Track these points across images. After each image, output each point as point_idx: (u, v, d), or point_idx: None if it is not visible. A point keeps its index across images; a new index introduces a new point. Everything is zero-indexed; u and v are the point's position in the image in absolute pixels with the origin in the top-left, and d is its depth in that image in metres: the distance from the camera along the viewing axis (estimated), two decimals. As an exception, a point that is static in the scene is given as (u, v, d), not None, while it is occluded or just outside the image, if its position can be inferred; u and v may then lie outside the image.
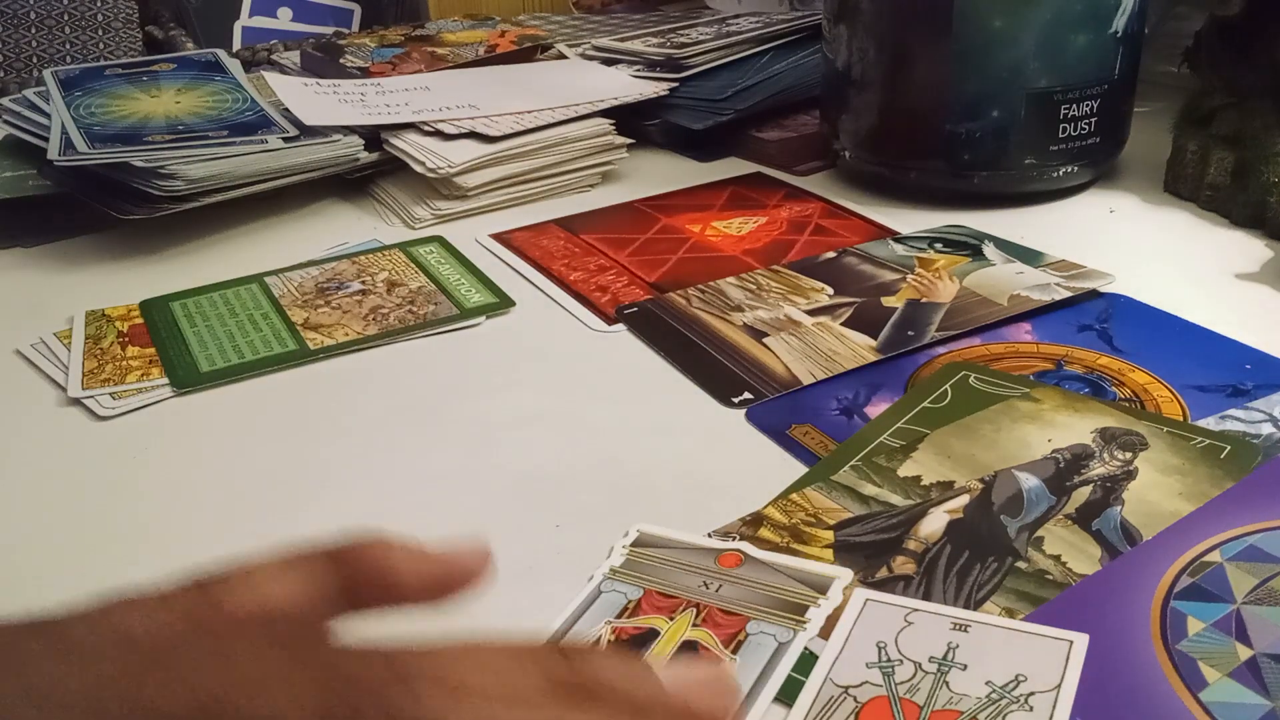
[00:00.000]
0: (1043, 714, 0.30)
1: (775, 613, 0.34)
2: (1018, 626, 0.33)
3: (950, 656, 0.32)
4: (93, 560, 0.40)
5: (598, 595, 0.35)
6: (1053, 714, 0.30)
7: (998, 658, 0.32)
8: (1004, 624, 0.33)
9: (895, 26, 0.64)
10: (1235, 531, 0.36)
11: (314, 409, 0.49)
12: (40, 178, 0.70)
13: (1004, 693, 0.30)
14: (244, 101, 0.76)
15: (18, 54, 1.12)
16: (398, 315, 0.56)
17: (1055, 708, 0.30)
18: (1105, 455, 0.41)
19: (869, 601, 0.34)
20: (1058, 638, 0.32)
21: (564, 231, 0.66)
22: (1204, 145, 0.64)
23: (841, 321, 0.53)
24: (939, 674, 0.31)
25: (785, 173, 0.74)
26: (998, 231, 0.62)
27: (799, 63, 0.81)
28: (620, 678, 0.25)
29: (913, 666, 0.32)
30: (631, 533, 0.38)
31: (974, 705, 0.30)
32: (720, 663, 0.30)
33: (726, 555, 0.37)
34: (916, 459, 0.41)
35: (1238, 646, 0.32)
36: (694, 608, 0.34)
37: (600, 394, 0.49)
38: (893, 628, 0.33)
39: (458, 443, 0.46)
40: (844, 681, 0.31)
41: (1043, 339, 0.51)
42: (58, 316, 0.57)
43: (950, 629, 0.33)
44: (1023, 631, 0.33)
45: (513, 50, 0.91)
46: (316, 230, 0.68)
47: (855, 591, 0.35)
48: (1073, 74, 0.62)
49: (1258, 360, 0.47)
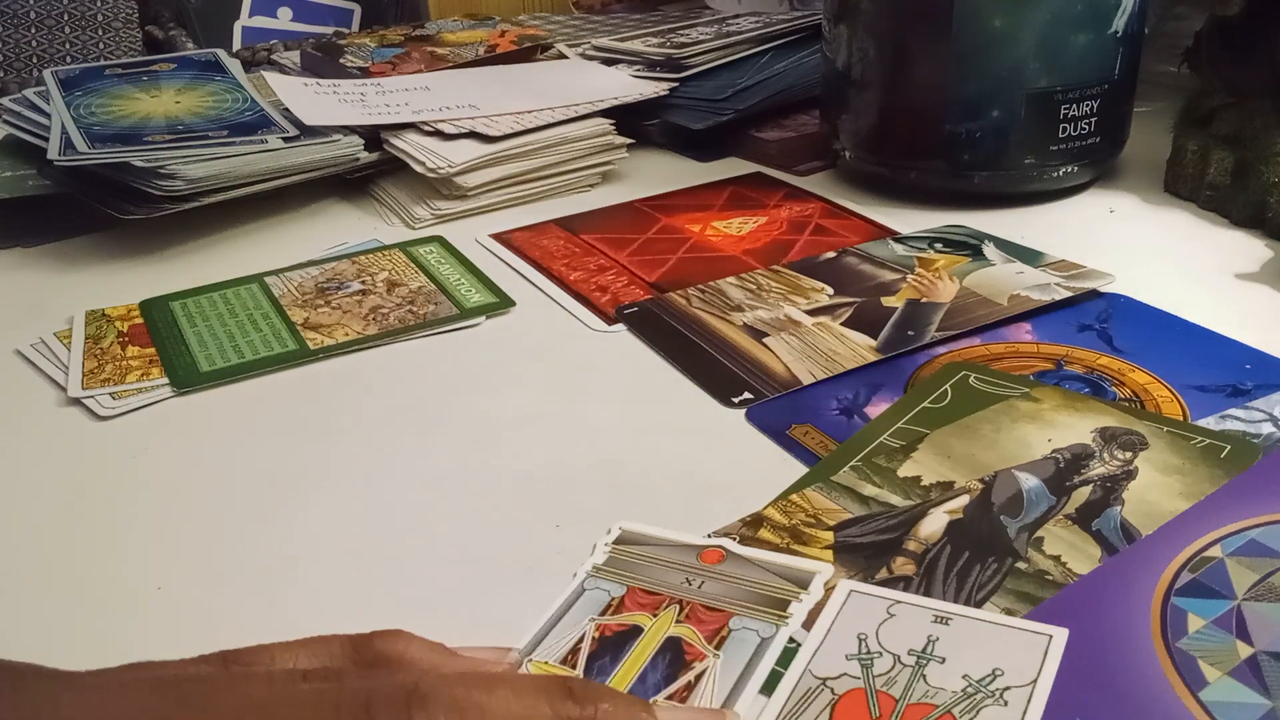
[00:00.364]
0: (1017, 709, 0.30)
1: (757, 608, 0.34)
2: (998, 620, 0.33)
3: (929, 650, 0.32)
4: (93, 560, 0.40)
5: (581, 593, 0.35)
6: (1027, 709, 0.30)
7: (976, 651, 0.32)
8: (984, 617, 0.33)
9: (895, 27, 0.64)
10: (1236, 526, 0.36)
11: (314, 409, 0.49)
12: (40, 178, 0.70)
13: (979, 686, 0.30)
14: (244, 101, 0.76)
15: (18, 54, 1.12)
16: (398, 315, 0.56)
17: (1030, 702, 0.30)
18: (1105, 455, 0.41)
19: (853, 593, 0.34)
20: (1037, 632, 0.32)
21: (564, 231, 0.66)
22: (1204, 145, 0.64)
23: (841, 321, 0.53)
24: (917, 667, 0.31)
25: (785, 173, 0.74)
26: (998, 231, 0.62)
27: (799, 63, 0.81)
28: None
29: (891, 659, 0.32)
30: (614, 530, 0.38)
31: (949, 699, 0.30)
32: (724, 715, 0.30)
33: (709, 551, 0.37)
34: (916, 459, 0.41)
35: (1238, 644, 0.32)
36: (677, 604, 0.34)
37: (600, 394, 0.49)
38: (874, 620, 0.33)
39: (458, 443, 0.46)
40: (822, 673, 0.32)
41: (1043, 339, 0.51)
42: (58, 316, 0.57)
43: (931, 622, 0.33)
44: (1002, 625, 0.33)
45: (513, 50, 0.91)
46: (316, 230, 0.68)
47: (840, 583, 0.35)
48: (1073, 74, 0.62)
49: (1258, 360, 0.47)
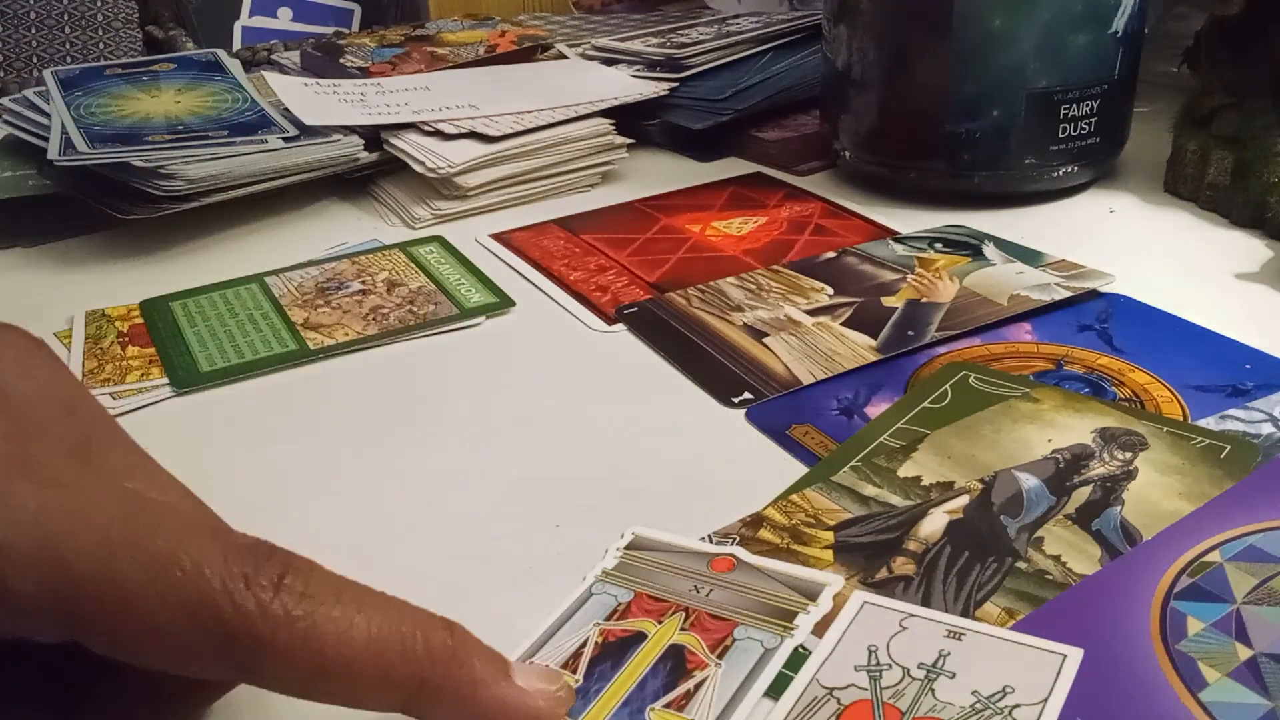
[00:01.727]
0: None
1: (764, 618, 0.34)
2: (1013, 637, 0.32)
3: (940, 664, 0.32)
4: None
5: (589, 597, 0.35)
6: None
7: (988, 667, 0.31)
8: (999, 634, 0.33)
9: (895, 27, 0.64)
10: (1235, 531, 0.36)
11: (314, 409, 0.49)
12: (40, 178, 0.70)
13: (989, 703, 0.30)
14: (244, 101, 0.76)
15: (18, 54, 1.12)
16: (398, 315, 0.56)
17: None
18: (1105, 455, 0.41)
19: (866, 604, 0.34)
20: (1051, 650, 0.32)
21: (564, 231, 0.66)
22: (1204, 145, 0.64)
23: (841, 321, 0.53)
24: (926, 681, 0.31)
25: (785, 173, 0.74)
26: (998, 231, 0.62)
27: (799, 63, 0.81)
28: None
29: (901, 672, 0.31)
30: (626, 535, 0.38)
31: (957, 714, 0.30)
32: (561, 675, 0.31)
33: (719, 560, 0.37)
34: (916, 459, 0.41)
35: (1238, 646, 0.32)
36: (683, 612, 0.34)
37: (600, 394, 0.49)
38: (886, 632, 0.33)
39: (458, 443, 0.46)
40: (830, 683, 0.31)
41: (1043, 339, 0.51)
42: (58, 316, 0.57)
43: (944, 636, 0.33)
44: (1017, 643, 0.32)
45: (513, 50, 0.91)
46: (316, 230, 0.68)
47: (854, 594, 0.35)
48: (1073, 74, 0.62)
49: (1258, 360, 0.47)
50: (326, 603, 0.26)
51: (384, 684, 0.26)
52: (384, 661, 0.26)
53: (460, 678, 0.27)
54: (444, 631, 0.28)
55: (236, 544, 0.26)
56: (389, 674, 0.26)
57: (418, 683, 0.27)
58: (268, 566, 0.26)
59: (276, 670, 0.26)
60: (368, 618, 0.26)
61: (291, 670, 0.26)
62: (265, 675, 0.26)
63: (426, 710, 0.27)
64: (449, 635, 0.28)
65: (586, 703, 0.31)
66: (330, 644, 0.26)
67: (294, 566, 0.26)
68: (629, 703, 0.31)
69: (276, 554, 0.26)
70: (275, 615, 0.25)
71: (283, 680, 0.26)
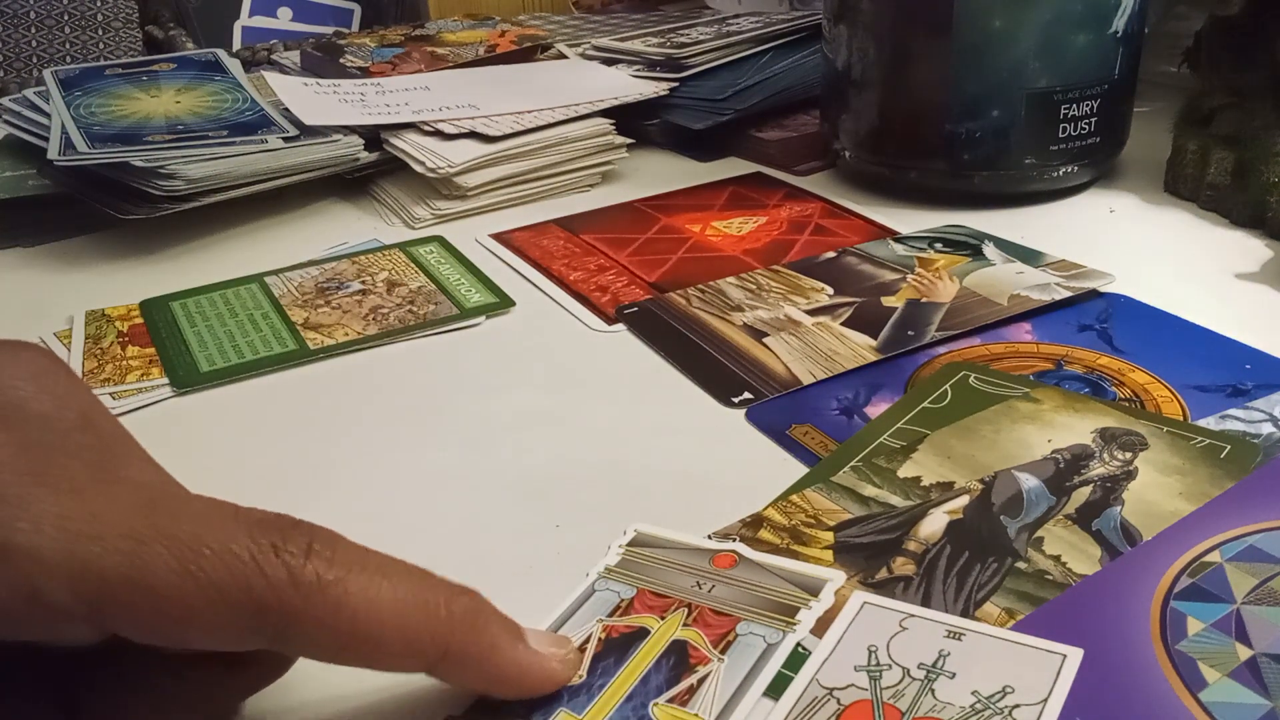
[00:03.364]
0: None
1: (766, 614, 0.34)
2: (1013, 637, 0.32)
3: (940, 664, 0.32)
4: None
5: (591, 593, 0.35)
6: None
7: (988, 667, 0.31)
8: (999, 634, 0.33)
9: (895, 26, 0.64)
10: (1235, 532, 0.36)
11: (314, 409, 0.49)
12: (40, 178, 0.70)
13: (988, 703, 0.30)
14: (244, 101, 0.76)
15: (18, 54, 1.12)
16: (398, 315, 0.56)
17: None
18: (1105, 455, 0.41)
19: (866, 604, 0.34)
20: (1051, 651, 0.32)
21: (564, 231, 0.66)
22: (1204, 145, 0.64)
23: (841, 321, 0.53)
24: (926, 681, 0.31)
25: (785, 173, 0.74)
26: (998, 231, 0.62)
27: (799, 63, 0.81)
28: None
29: (901, 672, 0.31)
30: (629, 532, 0.38)
31: (957, 714, 0.30)
32: (567, 640, 0.33)
33: (721, 556, 0.37)
34: (916, 460, 0.41)
35: (1238, 646, 0.32)
36: (686, 608, 0.34)
37: (600, 394, 0.49)
38: (886, 632, 0.33)
39: (458, 443, 0.46)
40: (829, 683, 0.31)
41: (1043, 339, 0.51)
42: (58, 316, 0.57)
43: (944, 636, 0.33)
44: (1017, 643, 0.32)
45: (513, 50, 0.91)
46: (316, 230, 0.68)
47: (854, 594, 0.35)
48: (1073, 74, 0.62)
49: (1258, 360, 0.47)
50: (354, 569, 0.27)
51: (410, 648, 0.27)
52: (410, 626, 0.27)
53: (481, 642, 0.29)
54: (465, 598, 0.29)
55: (259, 519, 0.27)
56: (415, 639, 0.27)
57: (442, 647, 0.28)
58: (295, 535, 0.26)
59: (309, 635, 0.26)
60: (394, 584, 0.27)
61: (324, 634, 0.26)
62: (298, 641, 0.27)
63: (449, 673, 0.29)
64: (470, 601, 0.29)
65: (590, 698, 0.31)
66: (361, 609, 0.26)
67: (320, 535, 0.27)
68: (632, 698, 0.31)
69: (301, 525, 0.27)
70: (308, 581, 0.26)
71: (314, 645, 0.27)
